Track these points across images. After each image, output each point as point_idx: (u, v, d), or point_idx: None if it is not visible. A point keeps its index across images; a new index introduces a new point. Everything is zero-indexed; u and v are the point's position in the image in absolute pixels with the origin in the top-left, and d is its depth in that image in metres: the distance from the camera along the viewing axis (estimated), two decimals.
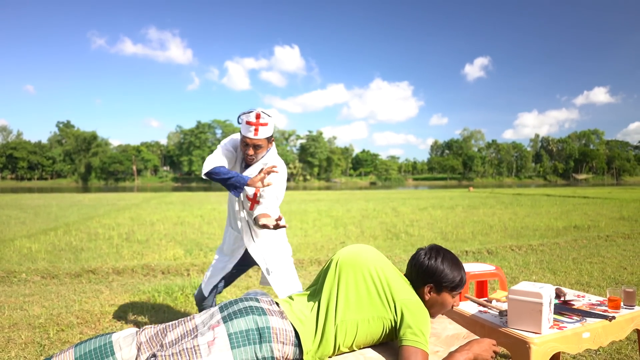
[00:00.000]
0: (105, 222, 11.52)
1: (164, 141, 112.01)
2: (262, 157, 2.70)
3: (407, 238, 8.54)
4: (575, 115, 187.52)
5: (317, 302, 1.78)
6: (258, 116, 2.54)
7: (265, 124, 2.57)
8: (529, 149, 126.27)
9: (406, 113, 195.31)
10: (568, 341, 1.97)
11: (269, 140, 2.68)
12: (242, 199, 2.79)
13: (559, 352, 2.87)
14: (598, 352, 3.06)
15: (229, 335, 1.58)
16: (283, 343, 1.63)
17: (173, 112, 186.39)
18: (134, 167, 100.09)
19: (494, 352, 1.75)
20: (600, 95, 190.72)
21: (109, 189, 58.13)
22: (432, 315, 1.89)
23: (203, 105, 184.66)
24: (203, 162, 2.70)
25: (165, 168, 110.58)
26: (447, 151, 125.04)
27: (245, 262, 2.98)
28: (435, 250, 1.88)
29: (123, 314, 3.88)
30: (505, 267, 5.70)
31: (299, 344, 1.67)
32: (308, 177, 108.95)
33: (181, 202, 20.26)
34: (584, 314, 2.17)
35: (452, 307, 1.89)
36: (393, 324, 1.71)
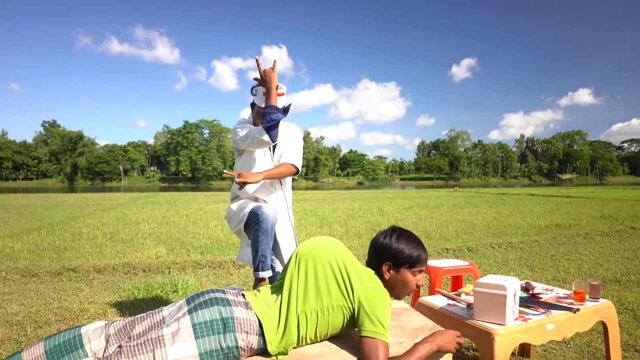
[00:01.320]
0: (90, 221, 11.43)
1: (151, 141, 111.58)
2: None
3: None
4: (559, 116, 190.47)
5: (279, 294, 1.81)
6: (277, 86, 2.55)
7: (282, 94, 2.59)
8: (514, 149, 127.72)
9: (393, 113, 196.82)
10: (532, 332, 2.03)
11: (286, 111, 2.65)
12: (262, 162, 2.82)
13: (530, 346, 2.94)
14: (569, 346, 3.13)
15: (193, 325, 1.60)
16: (247, 333, 1.65)
17: (160, 112, 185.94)
18: (121, 167, 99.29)
19: (458, 343, 1.80)
20: (584, 96, 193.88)
21: (95, 189, 57.62)
22: (398, 297, 1.91)
23: (190, 105, 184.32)
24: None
25: (152, 168, 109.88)
26: (433, 151, 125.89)
27: None
28: (392, 230, 1.91)
29: (101, 311, 3.88)
30: (484, 264, 5.78)
31: (262, 334, 1.70)
32: (295, 177, 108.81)
33: (167, 202, 20.14)
34: (549, 306, 2.23)
35: (418, 287, 1.91)
36: (351, 312, 1.74)
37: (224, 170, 2.69)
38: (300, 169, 2.88)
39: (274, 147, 2.84)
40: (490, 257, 6.28)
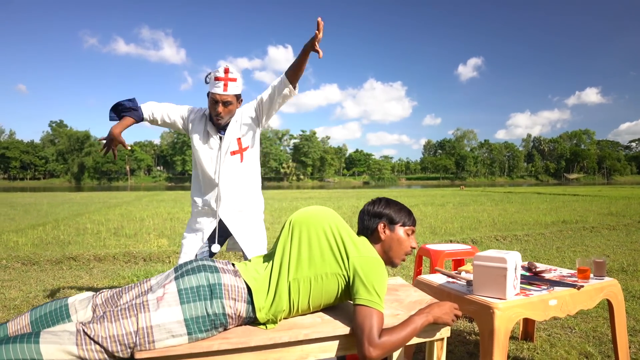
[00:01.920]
0: (95, 218, 11.44)
1: (157, 141, 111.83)
2: (231, 117, 2.56)
3: None
4: (567, 115, 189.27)
5: (270, 261, 1.76)
6: (227, 71, 2.45)
7: (235, 79, 2.47)
8: (521, 148, 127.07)
9: (399, 113, 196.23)
10: (534, 307, 1.96)
11: (238, 99, 2.55)
12: (223, 155, 2.56)
13: (533, 330, 2.88)
14: (574, 331, 3.06)
15: (179, 291, 1.55)
16: (235, 300, 1.60)
17: None
18: (127, 167, 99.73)
19: (455, 315, 1.74)
20: (591, 95, 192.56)
21: (102, 189, 57.82)
22: (393, 260, 1.88)
23: (197, 105, 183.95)
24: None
25: (158, 168, 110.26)
26: (440, 151, 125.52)
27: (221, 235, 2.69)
28: (377, 199, 1.94)
29: None
30: None
31: (251, 302, 1.64)
32: (302, 176, 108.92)
33: (173, 200, 20.17)
34: (552, 283, 2.17)
35: (412, 249, 1.89)
36: (346, 281, 1.69)
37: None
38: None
39: (222, 138, 2.60)
40: (494, 248, 6.21)
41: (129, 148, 2.59)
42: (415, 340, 1.72)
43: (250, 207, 2.68)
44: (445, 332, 1.77)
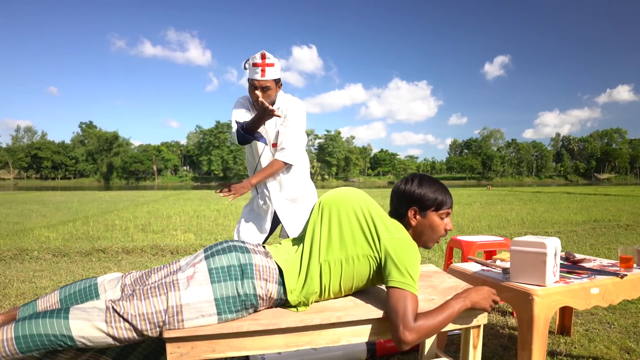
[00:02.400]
0: (123, 215, 11.61)
1: (183, 141, 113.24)
2: (272, 102, 2.60)
3: None
4: (597, 114, 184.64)
5: (301, 244, 1.71)
6: (264, 56, 2.48)
7: (272, 64, 2.50)
8: (549, 148, 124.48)
9: (425, 113, 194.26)
10: (575, 295, 1.88)
11: (277, 83, 2.59)
12: (262, 151, 2.67)
13: (570, 324, 2.78)
14: (612, 326, 2.94)
15: (210, 270, 1.52)
16: (266, 280, 1.56)
17: (192, 113, 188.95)
18: (155, 167, 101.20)
19: (494, 301, 1.67)
20: (623, 93, 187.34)
21: (130, 188, 58.84)
22: (427, 244, 1.79)
23: (222, 106, 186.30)
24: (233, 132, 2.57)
25: (185, 168, 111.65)
26: (466, 151, 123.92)
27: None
28: (411, 176, 1.82)
29: None
30: None
31: (282, 283, 1.60)
32: (326, 176, 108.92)
33: (199, 199, 20.36)
34: (594, 271, 2.07)
35: (446, 231, 1.79)
36: (378, 263, 1.63)
37: (217, 184, 2.66)
38: (292, 160, 2.64)
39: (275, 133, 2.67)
40: None
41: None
42: (450, 327, 1.66)
43: (299, 195, 2.76)
44: (482, 319, 1.70)
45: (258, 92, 2.43)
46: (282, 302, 1.63)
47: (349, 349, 2.41)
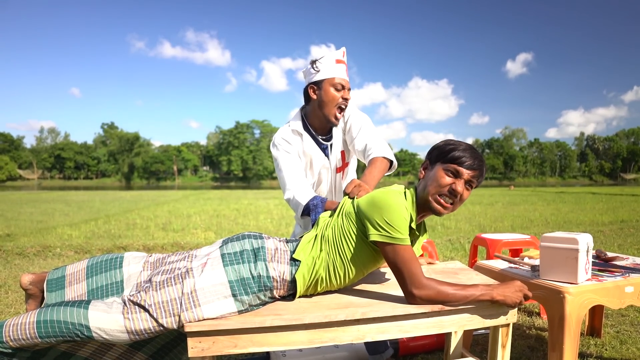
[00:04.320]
0: (144, 214, 11.75)
1: (203, 141, 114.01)
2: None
3: (443, 230, 8.33)
4: (623, 112, 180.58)
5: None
6: (344, 53, 2.12)
7: (346, 63, 2.11)
8: (573, 147, 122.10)
9: (445, 112, 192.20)
10: (608, 294, 1.80)
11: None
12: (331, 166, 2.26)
13: (601, 325, 2.69)
14: None
15: (222, 255, 1.56)
16: (278, 262, 1.58)
17: (212, 113, 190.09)
18: (175, 167, 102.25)
19: (524, 296, 1.59)
20: None
21: (150, 188, 59.58)
22: (431, 204, 1.61)
23: (241, 106, 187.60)
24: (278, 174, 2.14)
25: (205, 168, 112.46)
26: (487, 150, 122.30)
27: None
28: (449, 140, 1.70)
29: None
30: None
31: (294, 265, 1.61)
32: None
33: (219, 198, 20.52)
34: (627, 270, 1.99)
35: (452, 191, 1.58)
36: (362, 225, 1.60)
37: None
38: (392, 156, 2.17)
39: (327, 152, 2.25)
40: None
41: None
42: (478, 325, 1.60)
43: None
44: (511, 317, 1.64)
45: (347, 94, 2.09)
46: (296, 286, 1.61)
47: (371, 346, 2.37)
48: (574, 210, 12.07)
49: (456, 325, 1.60)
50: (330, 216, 1.73)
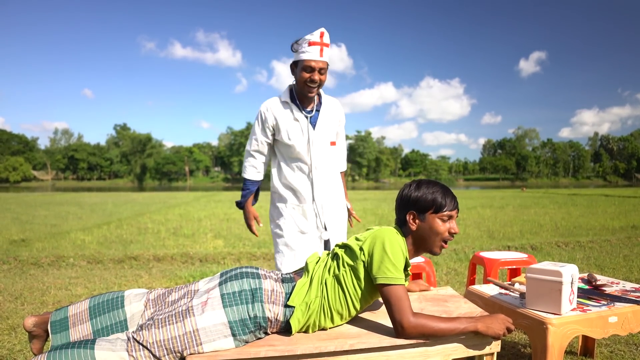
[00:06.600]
0: (156, 217, 11.92)
1: (215, 142, 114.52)
2: (318, 90, 2.43)
3: None
4: (639, 111, 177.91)
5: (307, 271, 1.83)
6: (322, 35, 2.26)
7: (328, 45, 2.28)
8: (587, 148, 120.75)
9: (457, 112, 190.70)
10: (592, 324, 1.87)
11: (327, 69, 2.37)
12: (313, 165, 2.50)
13: (594, 345, 2.74)
14: (639, 348, 2.89)
15: (222, 295, 1.63)
16: (274, 303, 1.67)
17: (223, 114, 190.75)
18: (187, 168, 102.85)
19: (507, 329, 1.68)
20: None
21: (162, 189, 60.06)
22: (433, 248, 1.81)
23: (252, 107, 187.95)
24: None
25: (216, 169, 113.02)
26: (499, 151, 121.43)
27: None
28: (415, 181, 1.83)
29: None
30: None
31: (289, 308, 1.70)
32: (357, 177, 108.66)
33: (229, 200, 20.66)
34: (613, 298, 2.06)
35: (452, 235, 1.80)
36: (365, 266, 1.71)
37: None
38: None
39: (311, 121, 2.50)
40: (556, 255, 5.95)
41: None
42: (463, 353, 1.68)
43: (341, 196, 2.69)
44: (495, 347, 1.72)
45: (315, 75, 2.30)
46: (288, 326, 1.70)
47: None
48: (584, 215, 12.02)
49: (441, 355, 1.68)
50: (317, 262, 1.82)
